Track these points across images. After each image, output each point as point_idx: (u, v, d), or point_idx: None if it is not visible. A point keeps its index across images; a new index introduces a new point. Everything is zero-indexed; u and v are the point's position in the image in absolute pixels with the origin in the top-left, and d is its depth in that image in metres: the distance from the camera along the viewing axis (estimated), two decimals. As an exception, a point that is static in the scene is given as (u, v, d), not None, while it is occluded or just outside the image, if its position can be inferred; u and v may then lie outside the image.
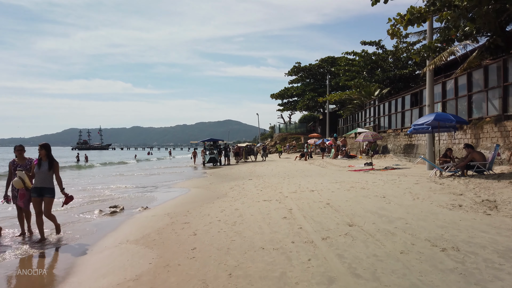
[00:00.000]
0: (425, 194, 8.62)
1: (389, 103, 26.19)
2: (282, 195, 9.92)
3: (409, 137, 21.89)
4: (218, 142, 32.94)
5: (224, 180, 16.88)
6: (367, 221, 6.52)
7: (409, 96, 22.61)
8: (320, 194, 9.59)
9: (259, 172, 20.84)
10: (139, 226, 7.35)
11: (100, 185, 16.75)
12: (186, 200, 10.83)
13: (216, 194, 11.55)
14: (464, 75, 16.07)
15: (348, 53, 36.48)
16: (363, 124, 32.71)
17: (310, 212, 7.49)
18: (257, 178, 16.55)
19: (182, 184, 15.80)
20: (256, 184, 13.79)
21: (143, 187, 15.36)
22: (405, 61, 34.39)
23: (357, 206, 7.83)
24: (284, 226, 6.50)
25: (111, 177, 22.19)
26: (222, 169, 26.09)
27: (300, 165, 24.55)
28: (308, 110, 57.13)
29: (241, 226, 6.67)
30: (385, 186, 10.30)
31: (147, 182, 18.07)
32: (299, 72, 55.70)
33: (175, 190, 13.80)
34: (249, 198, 9.91)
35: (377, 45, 35.80)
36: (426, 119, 11.77)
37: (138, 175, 23.54)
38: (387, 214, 6.95)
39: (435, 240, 5.22)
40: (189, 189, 13.88)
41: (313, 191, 10.36)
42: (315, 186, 11.51)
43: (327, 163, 23.94)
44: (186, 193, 12.70)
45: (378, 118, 28.74)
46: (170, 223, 7.42)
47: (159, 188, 14.73)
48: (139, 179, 20.31)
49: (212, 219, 7.50)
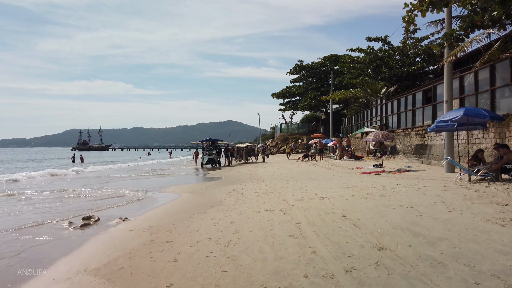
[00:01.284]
0: (461, 204, 7.11)
1: (397, 101, 24.68)
2: (287, 204, 8.42)
3: (421, 136, 20.39)
4: (217, 142, 31.33)
5: (222, 184, 15.38)
6: (399, 242, 5.03)
7: (420, 93, 21.09)
8: (333, 203, 8.08)
9: (260, 174, 19.35)
10: (109, 246, 5.85)
11: (84, 189, 15.28)
12: (175, 208, 9.32)
13: (211, 201, 10.05)
14: (486, 68, 14.55)
15: (353, 50, 34.92)
16: (369, 123, 31.20)
17: (324, 227, 5.99)
18: (258, 181, 15.07)
19: (174, 189, 14.28)
20: (257, 188, 12.29)
21: (131, 191, 13.88)
22: (413, 58, 32.85)
23: (381, 219, 6.33)
24: (292, 248, 5.01)
25: (100, 180, 20.71)
26: (221, 171, 24.60)
27: (304, 166, 23.05)
28: (311, 109, 55.56)
29: (236, 248, 5.18)
30: (408, 193, 8.79)
31: (138, 185, 16.59)
32: (301, 71, 54.13)
33: (165, 196, 12.28)
34: (248, 207, 8.42)
35: (383, 41, 34.27)
36: (453, 114, 10.23)
37: (130, 178, 22.06)
38: (423, 231, 5.46)
39: (506, 276, 3.73)
40: (180, 194, 12.33)
41: (323, 198, 8.85)
42: (324, 192, 10.00)
43: (332, 165, 22.44)
44: (176, 199, 11.15)
45: (385, 117, 27.22)
46: (148, 241, 5.93)
47: (149, 193, 13.23)
48: (130, 182, 18.82)
49: (201, 236, 6.00)
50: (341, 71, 52.71)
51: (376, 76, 34.38)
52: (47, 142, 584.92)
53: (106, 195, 13.12)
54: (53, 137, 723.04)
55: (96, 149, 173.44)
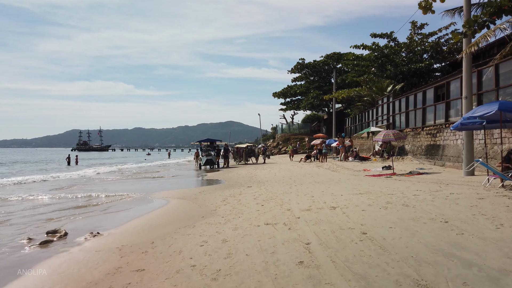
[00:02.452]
0: (508, 218, 5.77)
1: (406, 99, 23.32)
2: (292, 215, 7.07)
3: (433, 136, 19.04)
4: (216, 142, 29.89)
5: (218, 188, 14.03)
6: (448, 276, 3.68)
7: (432, 90, 19.74)
8: (347, 215, 6.73)
9: (260, 176, 18.02)
10: (61, 276, 4.50)
11: (70, 192, 13.97)
12: (159, 219, 7.94)
13: (203, 210, 8.70)
14: (510, 60, 13.22)
15: (357, 47, 33.51)
16: (375, 123, 29.84)
17: (341, 251, 4.65)
18: (258, 185, 13.74)
19: (165, 194, 12.90)
20: (257, 194, 10.96)
21: (119, 195, 12.54)
22: (420, 55, 31.49)
23: (413, 239, 4.99)
24: (302, 285, 3.67)
25: (87, 183, 19.40)
26: (219, 173, 23.27)
27: (307, 168, 21.70)
28: (313, 109, 54.14)
29: (227, 284, 3.85)
30: (436, 202, 7.43)
31: (126, 189, 15.26)
32: (303, 69, 52.72)
33: (152, 203, 10.86)
34: (246, 219, 7.08)
35: (388, 37, 32.93)
36: (485, 109, 8.85)
37: (120, 181, 20.75)
38: (475, 259, 4.11)
39: None
40: (170, 200, 10.93)
41: (335, 208, 7.50)
42: (334, 199, 8.65)
43: (337, 166, 21.08)
44: (163, 207, 9.73)
45: (393, 116, 25.85)
46: (115, 269, 4.59)
47: (135, 199, 11.88)
48: (118, 186, 17.48)
49: (183, 262, 4.66)
50: (344, 70, 51.35)
51: (381, 73, 33.02)
52: (47, 143, 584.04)
53: (85, 201, 11.78)
54: (54, 137, 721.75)
55: (96, 149, 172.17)
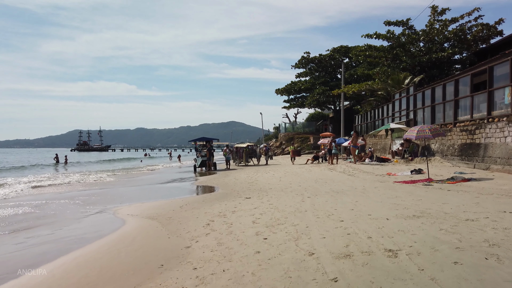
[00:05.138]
0: None
1: (431, 91, 20.08)
2: (320, 271, 3.88)
3: (470, 133, 15.83)
4: (212, 142, 26.57)
5: (207, 199, 10.82)
6: None
7: (467, 78, 16.51)
8: (432, 277, 3.52)
9: (262, 182, 14.86)
10: None
11: (15, 201, 10.87)
12: (80, 272, 4.63)
13: (169, 246, 5.46)
14: None
15: (369, 36, 30.25)
16: (390, 119, 26.61)
17: None
18: (259, 196, 10.57)
19: (132, 208, 9.61)
20: (257, 212, 7.78)
21: (51, 214, 9.43)
22: (440, 43, 28.19)
23: None
24: None
25: (60, 187, 16.32)
26: (215, 177, 20.11)
27: (317, 171, 18.49)
28: (319, 105, 50.81)
29: None
30: None
31: (87, 199, 12.13)
32: (308, 64, 49.49)
33: (100, 226, 7.63)
34: (237, 275, 3.90)
35: (404, 25, 29.67)
36: None
37: (88, 186, 17.64)
38: None
39: None
40: (128, 222, 7.66)
41: (395, 253, 4.27)
42: (379, 228, 5.44)
43: (353, 169, 17.87)
44: (109, 237, 6.24)
45: (414, 111, 22.59)
46: None
47: (80, 218, 8.73)
48: (82, 193, 14.37)
49: None
50: (352, 64, 48.09)
51: (397, 65, 29.76)
52: (50, 143, 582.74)
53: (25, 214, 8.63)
54: (57, 138, 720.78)
55: (96, 149, 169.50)
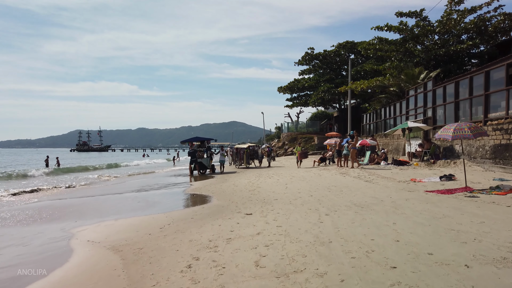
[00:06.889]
0: None
1: (455, 85, 17.86)
2: None
3: (506, 133, 13.65)
4: (209, 142, 24.26)
5: (197, 216, 8.61)
6: None
7: (502, 68, 14.31)
8: None
9: (265, 190, 12.68)
10: None
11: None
12: None
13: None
14: None
15: (380, 28, 28.02)
16: (404, 118, 24.40)
17: None
18: (262, 210, 8.41)
19: (101, 230, 7.50)
20: (260, 241, 5.64)
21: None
22: (458, 35, 25.95)
23: None
24: None
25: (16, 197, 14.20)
26: (211, 182, 17.96)
27: (327, 176, 16.28)
28: (323, 104, 48.52)
29: None
30: None
31: (55, 214, 9.98)
32: (312, 61, 47.24)
33: (44, 259, 5.54)
34: None
35: (418, 16, 27.46)
36: None
37: (73, 193, 15.50)
38: None
39: None
40: (76, 255, 5.50)
41: None
42: (466, 284, 3.29)
43: (369, 174, 15.68)
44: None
45: (433, 109, 20.37)
46: None
47: (18, 246, 6.61)
48: (58, 203, 12.23)
49: None
50: (358, 61, 45.83)
51: (410, 59, 27.52)
52: (51, 143, 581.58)
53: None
54: (58, 138, 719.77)
55: (95, 150, 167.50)
